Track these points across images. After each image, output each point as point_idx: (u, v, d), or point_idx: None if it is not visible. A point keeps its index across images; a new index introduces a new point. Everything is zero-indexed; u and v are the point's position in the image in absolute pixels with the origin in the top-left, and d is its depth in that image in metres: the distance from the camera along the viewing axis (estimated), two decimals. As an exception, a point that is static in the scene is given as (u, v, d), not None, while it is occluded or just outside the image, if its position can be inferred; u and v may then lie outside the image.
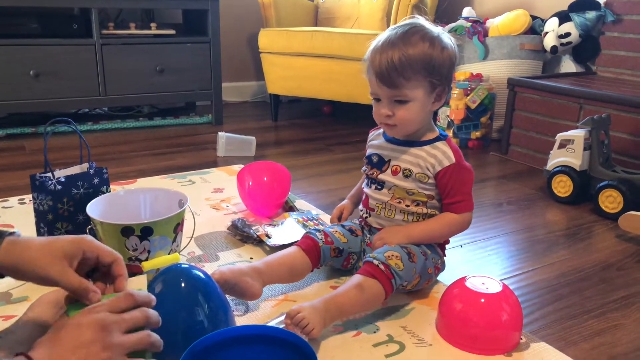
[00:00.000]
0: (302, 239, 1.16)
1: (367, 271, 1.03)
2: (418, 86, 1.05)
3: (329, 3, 3.00)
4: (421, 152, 1.11)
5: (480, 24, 2.53)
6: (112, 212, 1.16)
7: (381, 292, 1.03)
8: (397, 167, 1.12)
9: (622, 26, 2.26)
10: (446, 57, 1.06)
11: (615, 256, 1.40)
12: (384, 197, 1.14)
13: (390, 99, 1.07)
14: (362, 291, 1.01)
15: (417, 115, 1.08)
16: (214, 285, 0.92)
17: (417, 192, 1.11)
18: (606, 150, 1.76)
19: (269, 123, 2.77)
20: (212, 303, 0.89)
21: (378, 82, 1.05)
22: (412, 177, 1.11)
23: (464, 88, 2.32)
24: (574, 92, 2.00)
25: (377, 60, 1.04)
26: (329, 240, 1.15)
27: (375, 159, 1.16)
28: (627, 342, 1.04)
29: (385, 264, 1.04)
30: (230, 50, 3.09)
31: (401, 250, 1.07)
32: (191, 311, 0.86)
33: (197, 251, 1.33)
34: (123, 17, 2.73)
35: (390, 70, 1.03)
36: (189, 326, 0.85)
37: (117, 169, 1.92)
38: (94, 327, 0.66)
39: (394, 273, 1.03)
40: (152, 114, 2.82)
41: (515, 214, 1.67)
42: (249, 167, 1.55)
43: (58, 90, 2.35)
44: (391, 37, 1.05)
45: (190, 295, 0.88)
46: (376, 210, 1.16)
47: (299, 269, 1.13)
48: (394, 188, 1.12)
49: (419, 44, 1.03)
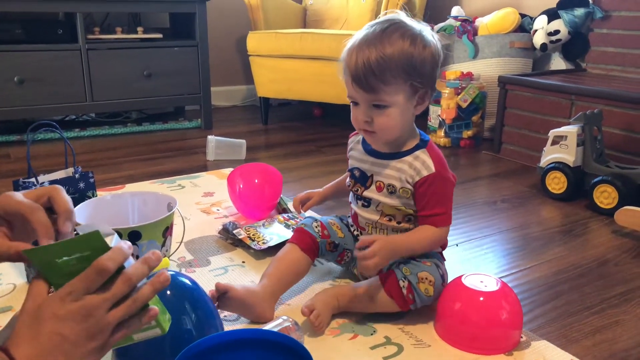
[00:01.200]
0: (297, 235, 1.12)
1: (387, 287, 1.01)
2: (398, 90, 0.96)
3: (318, 5, 2.98)
4: (402, 165, 1.03)
5: (469, 23, 2.52)
6: (98, 217, 1.13)
7: (394, 309, 1.02)
8: (380, 183, 1.05)
9: (611, 23, 2.26)
10: (428, 55, 0.96)
11: (612, 252, 1.38)
12: (373, 216, 1.08)
13: (368, 103, 0.98)
14: (374, 304, 1.02)
15: (397, 121, 0.98)
16: (202, 293, 0.89)
17: (403, 209, 1.05)
18: (599, 145, 1.75)
19: (259, 126, 2.74)
20: (200, 311, 0.86)
21: (354, 85, 0.97)
22: (397, 193, 1.04)
23: (454, 87, 2.31)
24: (565, 89, 2.00)
25: (353, 61, 0.95)
26: (326, 234, 1.12)
27: (357, 174, 1.09)
28: (628, 338, 1.02)
29: (412, 287, 1.00)
30: (219, 53, 3.06)
31: (436, 272, 1.02)
32: (178, 320, 0.83)
33: (188, 256, 1.30)
34: (109, 21, 2.70)
35: (367, 73, 0.93)
36: (177, 336, 0.81)
37: (105, 175, 1.88)
38: (76, 318, 0.58)
39: (416, 299, 1.00)
40: (141, 119, 2.79)
41: (510, 212, 1.65)
42: (240, 170, 1.53)
43: (44, 97, 2.31)
44: (368, 35, 0.96)
45: (177, 303, 0.84)
46: (367, 230, 1.11)
47: (301, 270, 1.11)
48: (382, 205, 1.06)
49: (398, 42, 0.94)
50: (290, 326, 0.92)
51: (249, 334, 0.77)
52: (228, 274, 1.21)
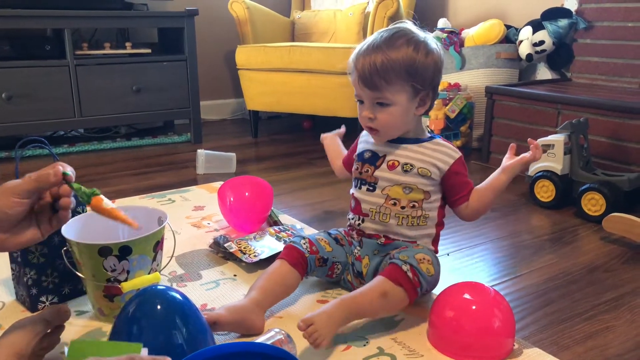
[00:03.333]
0: (286, 251, 1.13)
1: (393, 276, 1.01)
2: (400, 90, 1.04)
3: (305, 19, 3.01)
4: (422, 149, 1.11)
5: (455, 34, 2.55)
6: (88, 232, 1.12)
7: (404, 300, 1.02)
8: (394, 161, 1.10)
9: (594, 33, 2.30)
10: (430, 61, 1.05)
11: (601, 258, 1.39)
12: (378, 200, 1.11)
13: (372, 101, 1.06)
14: (385, 299, 1.00)
15: (399, 119, 1.07)
16: (193, 307, 0.88)
17: (415, 188, 1.09)
18: (586, 153, 1.77)
19: (249, 140, 2.75)
20: (191, 326, 0.85)
21: (360, 83, 1.06)
22: (414, 171, 1.09)
23: (442, 98, 2.33)
24: (552, 98, 2.02)
25: (361, 63, 1.05)
26: (314, 250, 1.13)
27: (368, 155, 1.14)
28: (619, 344, 1.03)
29: (414, 268, 1.02)
30: (208, 67, 3.07)
31: (430, 252, 1.08)
32: (169, 335, 0.82)
33: (179, 270, 1.29)
34: (97, 37, 2.70)
35: (372, 73, 1.03)
36: (168, 351, 0.81)
37: (95, 190, 1.87)
38: None
39: (422, 281, 1.02)
40: (130, 134, 2.78)
41: (499, 221, 1.66)
42: (230, 183, 1.53)
43: (32, 113, 2.30)
44: (376, 41, 1.05)
45: (168, 318, 0.84)
46: (371, 215, 1.12)
47: (290, 284, 1.10)
48: (388, 188, 1.10)
49: (403, 48, 1.03)
50: (283, 338, 0.91)
51: (240, 348, 0.77)
52: (219, 288, 1.21)
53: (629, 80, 2.20)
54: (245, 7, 2.70)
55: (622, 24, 2.20)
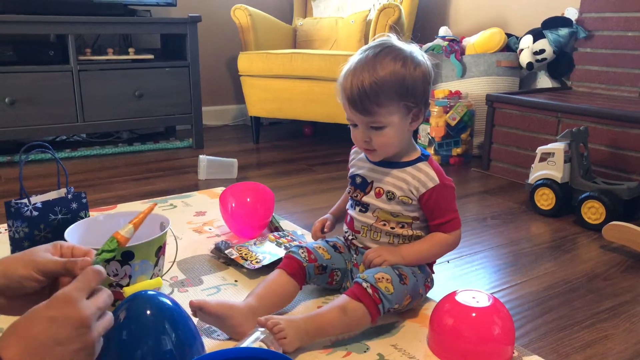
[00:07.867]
0: (285, 261, 1.13)
1: (353, 293, 1.01)
2: (392, 111, 1.02)
3: (307, 26, 3.03)
4: (403, 174, 1.08)
5: (456, 42, 2.57)
6: (91, 237, 1.13)
7: (366, 316, 1.00)
8: (380, 189, 1.10)
9: (594, 42, 2.32)
10: (419, 75, 1.02)
11: (601, 267, 1.40)
12: (369, 220, 1.12)
13: (365, 125, 1.04)
14: (344, 313, 0.99)
15: (394, 139, 1.05)
16: (182, 313, 0.88)
17: (401, 215, 1.09)
18: (586, 162, 1.78)
19: (251, 145, 2.76)
20: (180, 332, 0.85)
21: (351, 108, 1.03)
22: (396, 199, 1.08)
23: (443, 106, 2.34)
24: (552, 107, 2.04)
25: (348, 86, 1.01)
26: (312, 258, 1.13)
27: (359, 180, 1.14)
28: (617, 352, 1.03)
29: (374, 287, 1.01)
30: (210, 74, 3.09)
31: (392, 272, 1.05)
32: (158, 340, 0.82)
33: (180, 275, 1.30)
34: (100, 42, 2.72)
35: (362, 97, 0.99)
36: (157, 356, 0.81)
37: (97, 195, 1.88)
38: (72, 324, 0.62)
39: (382, 297, 1.01)
40: (132, 139, 2.79)
41: (499, 228, 1.67)
42: (232, 189, 1.53)
43: (35, 118, 2.32)
44: (361, 60, 1.02)
45: (157, 323, 0.84)
46: (362, 233, 1.14)
47: (287, 294, 1.10)
48: (378, 210, 1.11)
49: (390, 65, 1.00)
50: (268, 337, 0.92)
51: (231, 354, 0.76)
52: (221, 293, 1.21)
53: (628, 89, 2.21)
54: (247, 14, 2.71)
55: (622, 33, 2.21)
